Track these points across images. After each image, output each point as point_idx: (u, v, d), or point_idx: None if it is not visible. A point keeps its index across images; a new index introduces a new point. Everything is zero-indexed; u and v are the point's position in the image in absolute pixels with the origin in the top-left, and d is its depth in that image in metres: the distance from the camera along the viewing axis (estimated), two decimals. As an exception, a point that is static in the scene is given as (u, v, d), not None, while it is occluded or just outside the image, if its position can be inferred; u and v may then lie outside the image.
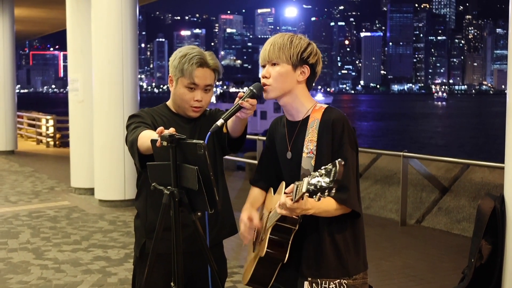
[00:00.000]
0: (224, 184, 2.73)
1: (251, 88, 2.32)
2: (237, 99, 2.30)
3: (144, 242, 2.61)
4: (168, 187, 2.21)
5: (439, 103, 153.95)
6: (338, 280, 2.22)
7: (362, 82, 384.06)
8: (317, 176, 1.89)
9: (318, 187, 1.87)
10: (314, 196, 1.89)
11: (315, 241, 2.24)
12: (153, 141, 2.27)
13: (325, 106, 2.31)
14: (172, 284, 2.28)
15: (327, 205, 2.15)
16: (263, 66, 2.32)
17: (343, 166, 1.85)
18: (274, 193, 2.41)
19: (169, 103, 2.71)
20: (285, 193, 2.06)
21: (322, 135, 2.22)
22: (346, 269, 2.24)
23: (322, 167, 1.90)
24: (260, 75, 2.33)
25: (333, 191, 1.85)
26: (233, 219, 2.74)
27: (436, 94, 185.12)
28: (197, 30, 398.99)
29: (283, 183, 2.28)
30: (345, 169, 2.09)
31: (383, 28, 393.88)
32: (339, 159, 1.87)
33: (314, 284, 2.22)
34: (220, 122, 2.24)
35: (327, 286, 2.22)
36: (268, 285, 2.32)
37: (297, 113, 2.32)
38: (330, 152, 2.21)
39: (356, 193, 2.22)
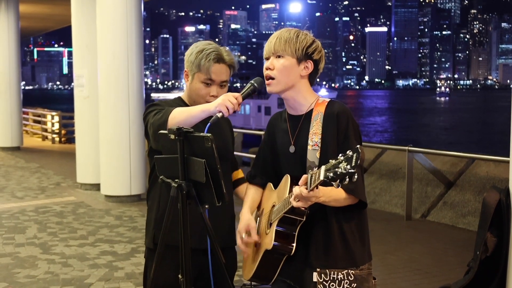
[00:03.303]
0: (230, 178, 2.76)
1: (252, 82, 2.35)
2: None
3: (155, 234, 2.64)
4: (176, 180, 2.23)
5: (442, 98, 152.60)
6: (346, 271, 2.24)
7: (367, 78, 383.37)
8: (336, 164, 1.91)
9: (339, 173, 1.89)
10: (333, 183, 1.91)
11: (323, 231, 2.26)
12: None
13: (328, 100, 2.32)
14: (180, 276, 2.31)
15: (337, 194, 2.17)
16: (267, 59, 2.33)
17: (363, 153, 1.88)
18: (275, 188, 2.40)
19: (183, 96, 2.74)
20: (298, 185, 2.08)
21: (326, 128, 2.24)
22: (353, 260, 2.26)
23: (340, 154, 1.93)
24: (264, 68, 2.35)
25: (355, 176, 1.87)
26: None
27: (438, 89, 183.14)
28: (201, 26, 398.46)
29: (288, 176, 2.29)
30: None
31: (388, 23, 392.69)
32: (358, 145, 1.90)
33: (323, 275, 2.23)
34: (220, 114, 2.27)
35: (335, 276, 2.23)
36: (272, 279, 2.33)
37: (299, 107, 2.33)
38: (335, 144, 2.23)
39: (362, 184, 2.25)
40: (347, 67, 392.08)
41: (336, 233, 2.25)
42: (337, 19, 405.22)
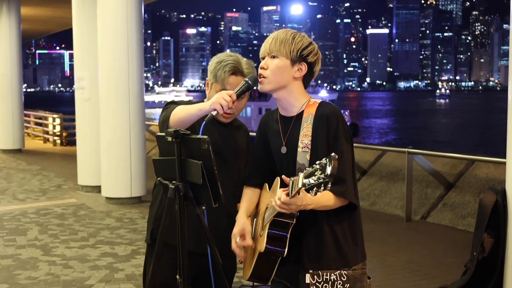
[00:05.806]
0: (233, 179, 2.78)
1: (246, 79, 2.37)
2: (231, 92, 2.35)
3: (153, 229, 2.67)
4: (173, 182, 2.26)
5: (442, 100, 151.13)
6: (339, 271, 2.25)
7: (368, 79, 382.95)
8: (312, 171, 1.91)
9: (314, 182, 1.90)
10: (310, 191, 1.91)
11: (315, 233, 2.26)
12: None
13: (319, 101, 2.33)
14: (177, 277, 2.33)
15: (327, 200, 2.18)
16: (263, 58, 2.35)
17: (338, 160, 1.87)
18: (269, 189, 2.41)
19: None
20: (282, 189, 2.09)
21: (317, 130, 2.25)
22: (346, 260, 2.26)
23: (317, 162, 1.93)
24: (259, 67, 2.37)
25: (329, 185, 1.88)
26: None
27: (438, 91, 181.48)
28: (202, 28, 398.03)
29: (278, 179, 2.29)
30: (341, 162, 2.13)
31: (389, 25, 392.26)
32: (333, 154, 1.89)
33: (315, 276, 2.24)
34: (215, 112, 2.30)
35: (328, 277, 2.24)
36: (269, 279, 2.35)
37: (291, 108, 2.34)
38: (325, 146, 2.23)
39: (353, 185, 2.24)
40: (349, 69, 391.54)
41: (328, 235, 2.25)
42: (338, 21, 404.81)
